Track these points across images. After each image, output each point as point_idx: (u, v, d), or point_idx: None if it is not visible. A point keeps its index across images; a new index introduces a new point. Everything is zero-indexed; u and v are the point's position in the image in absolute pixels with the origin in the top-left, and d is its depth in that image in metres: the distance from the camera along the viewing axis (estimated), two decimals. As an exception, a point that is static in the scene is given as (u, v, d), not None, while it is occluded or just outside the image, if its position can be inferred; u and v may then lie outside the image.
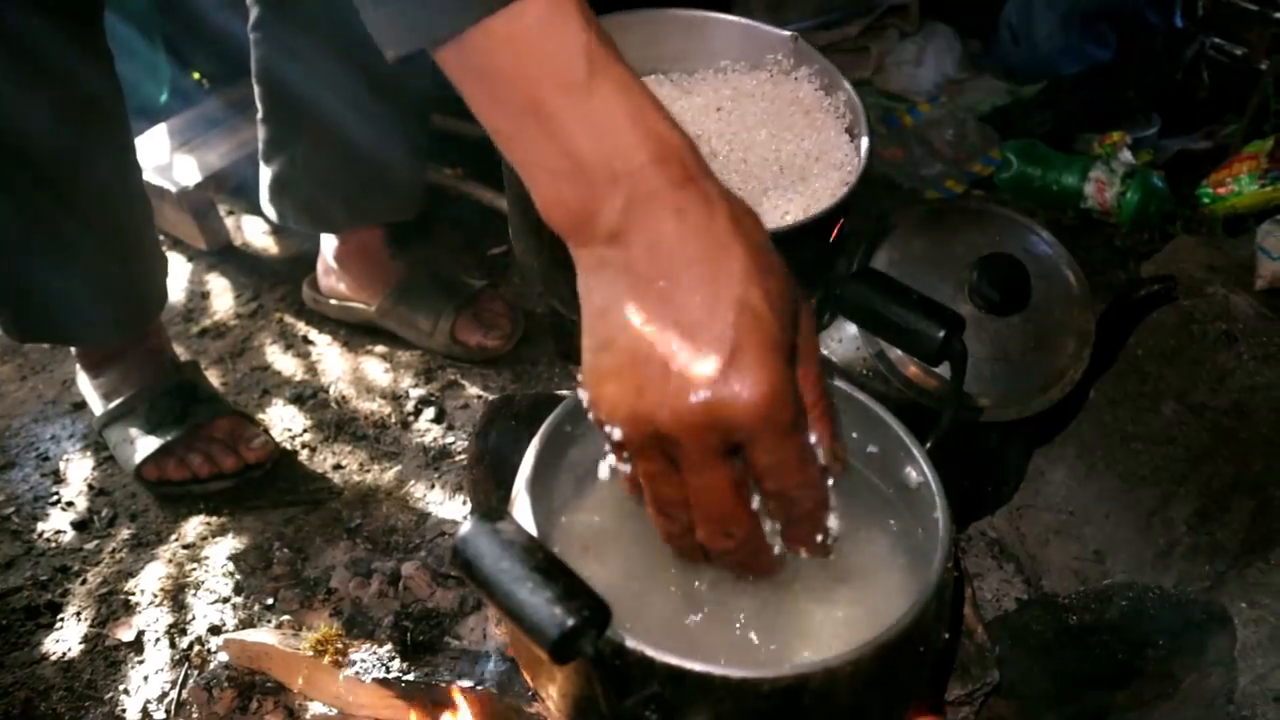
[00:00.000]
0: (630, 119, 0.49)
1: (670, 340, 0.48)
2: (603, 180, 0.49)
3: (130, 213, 1.21)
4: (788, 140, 0.77)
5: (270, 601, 1.14)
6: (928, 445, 0.69)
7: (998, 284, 0.90)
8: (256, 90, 1.30)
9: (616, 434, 0.51)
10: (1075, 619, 0.94)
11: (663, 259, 0.48)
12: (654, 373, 0.48)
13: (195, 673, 1.07)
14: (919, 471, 0.68)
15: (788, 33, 0.80)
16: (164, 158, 1.69)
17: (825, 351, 0.95)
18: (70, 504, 1.29)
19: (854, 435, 0.75)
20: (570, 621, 0.47)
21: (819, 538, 0.57)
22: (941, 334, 0.67)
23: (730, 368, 0.47)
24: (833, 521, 0.58)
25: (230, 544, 1.22)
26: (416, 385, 1.44)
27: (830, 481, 0.56)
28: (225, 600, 1.15)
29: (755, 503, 0.54)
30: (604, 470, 0.62)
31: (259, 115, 1.32)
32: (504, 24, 0.48)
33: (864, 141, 0.77)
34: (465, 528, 0.52)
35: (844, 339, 0.95)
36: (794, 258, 0.66)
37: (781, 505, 0.55)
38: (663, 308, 0.48)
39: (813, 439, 0.54)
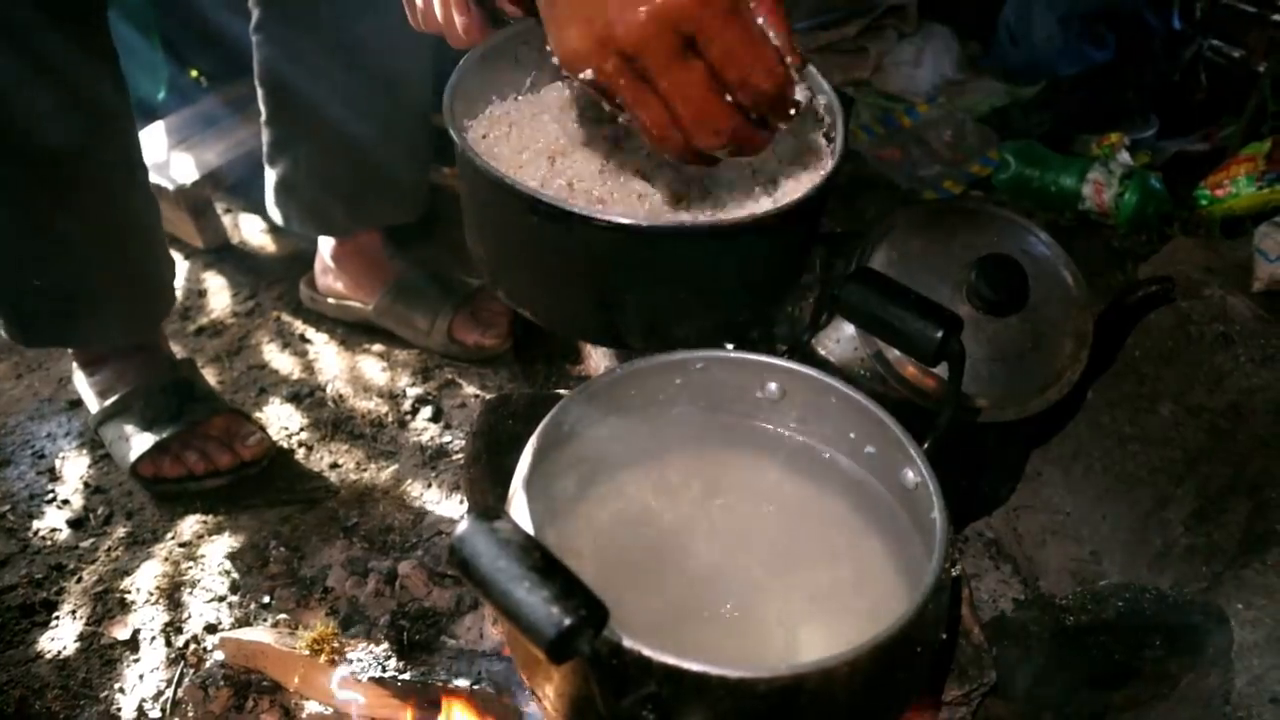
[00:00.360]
0: None
1: None
2: None
3: (137, 214, 1.21)
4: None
5: (266, 600, 1.13)
6: (925, 446, 0.69)
7: (996, 285, 0.89)
8: (259, 93, 1.30)
9: (589, 74, 0.58)
10: (1072, 619, 0.94)
11: None
12: (599, 4, 0.55)
13: (191, 671, 1.07)
14: (916, 472, 0.68)
15: None
16: (161, 155, 1.68)
17: (823, 352, 0.95)
18: (66, 502, 1.29)
19: (852, 436, 0.75)
20: (567, 621, 0.47)
21: (791, 110, 0.62)
22: (939, 334, 0.67)
23: None
24: (800, 93, 0.62)
25: (226, 542, 1.22)
26: (414, 384, 1.44)
27: (791, 66, 0.61)
28: (221, 599, 1.15)
29: None
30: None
31: (262, 118, 1.32)
32: None
33: (839, 142, 0.76)
34: (462, 527, 0.52)
35: (842, 339, 0.94)
36: (768, 249, 0.66)
37: (748, 93, 0.59)
38: None
39: (766, 26, 0.59)
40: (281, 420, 1.40)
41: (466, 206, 0.79)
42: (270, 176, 1.36)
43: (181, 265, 1.68)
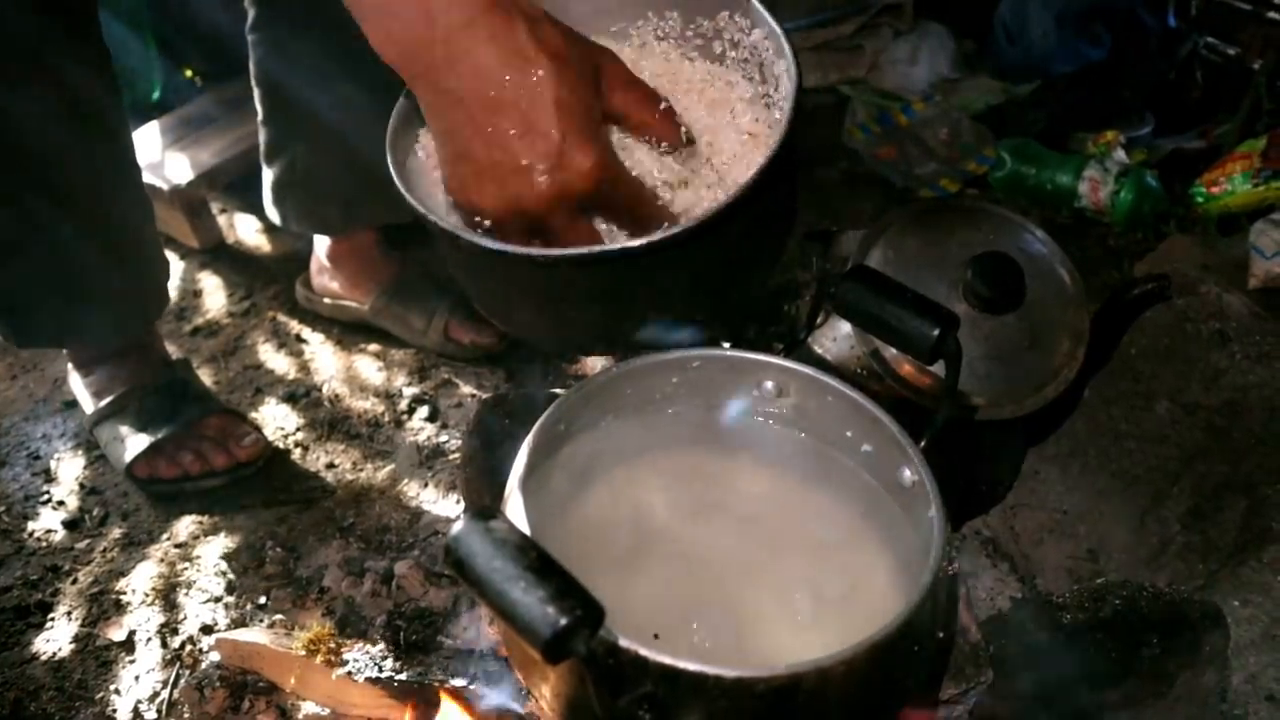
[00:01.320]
0: None
1: (512, 144, 0.59)
2: (423, 15, 0.56)
3: (129, 214, 1.20)
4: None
5: (263, 601, 1.13)
6: (922, 444, 0.69)
7: (992, 283, 0.89)
8: (256, 92, 1.29)
9: (488, 222, 0.62)
10: (1069, 618, 0.93)
11: (487, 80, 0.58)
12: (508, 170, 0.59)
13: (187, 672, 1.07)
14: (913, 470, 0.68)
15: None
16: (156, 155, 1.68)
17: (820, 350, 0.95)
18: (61, 503, 1.29)
19: (848, 434, 0.75)
20: (563, 621, 0.47)
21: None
22: (936, 332, 0.67)
23: (564, 153, 0.59)
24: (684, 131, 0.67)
25: (222, 543, 1.21)
26: (410, 384, 1.44)
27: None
28: (217, 599, 1.15)
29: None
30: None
31: (259, 117, 1.32)
32: None
33: (786, 107, 0.69)
34: (457, 526, 0.51)
35: (838, 337, 0.94)
36: (712, 249, 0.65)
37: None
38: (499, 119, 0.58)
39: (658, 141, 0.66)
40: (277, 420, 1.39)
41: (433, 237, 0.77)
42: (267, 176, 1.36)
43: (177, 265, 1.67)
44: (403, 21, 0.57)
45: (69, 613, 1.15)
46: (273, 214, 1.39)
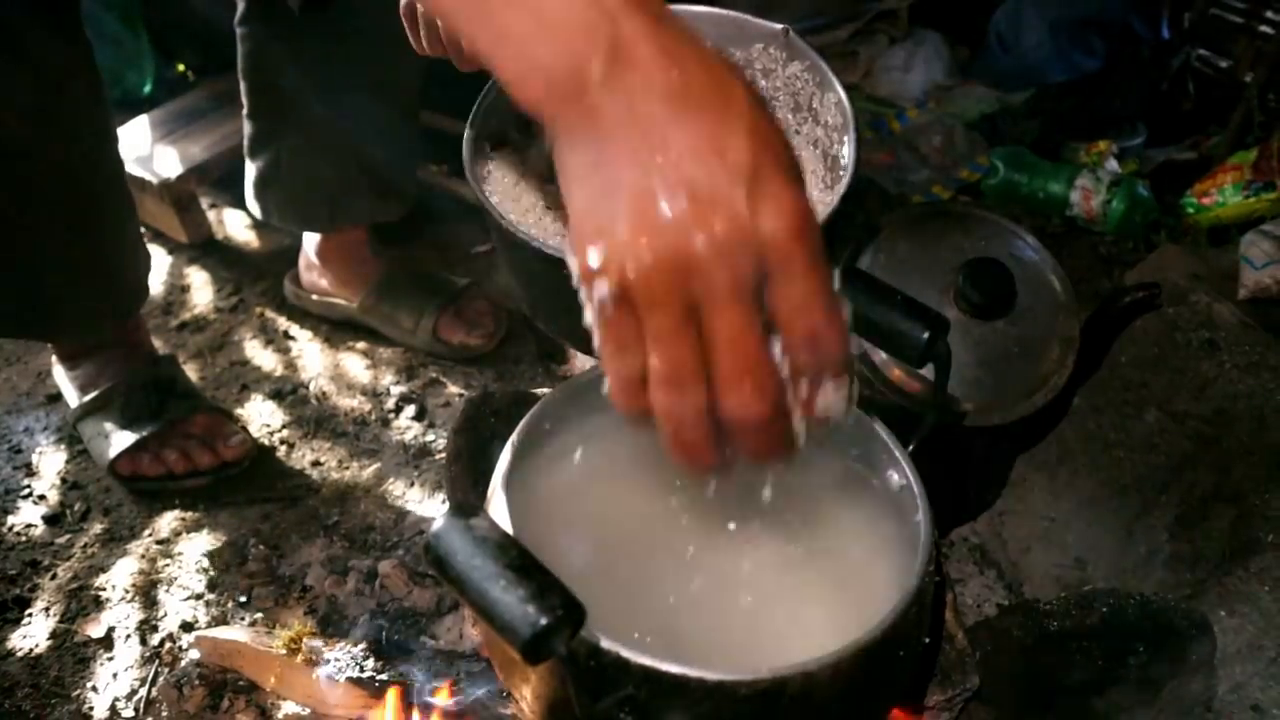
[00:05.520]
0: None
1: (685, 169, 0.44)
2: (579, 31, 0.45)
3: (109, 207, 1.19)
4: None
5: (244, 599, 1.12)
6: (910, 448, 0.69)
7: (983, 288, 0.89)
8: (242, 85, 1.28)
9: (618, 288, 0.45)
10: (1056, 625, 0.93)
11: (664, 93, 0.45)
12: (674, 205, 0.44)
13: (166, 670, 1.05)
14: (901, 474, 0.68)
15: (779, 26, 0.78)
16: (146, 149, 1.67)
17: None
18: (42, 497, 1.27)
19: (835, 436, 0.74)
20: (543, 620, 0.46)
21: (844, 405, 0.50)
22: (925, 335, 0.66)
23: (756, 188, 0.44)
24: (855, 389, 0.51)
25: (205, 540, 1.20)
26: (398, 383, 1.43)
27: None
28: (198, 597, 1.14)
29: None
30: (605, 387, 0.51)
31: (244, 111, 1.31)
32: None
33: (849, 150, 0.72)
34: (438, 523, 0.51)
35: (828, 341, 0.94)
36: None
37: (810, 353, 0.48)
38: (672, 137, 0.44)
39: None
40: (263, 417, 1.38)
41: (496, 244, 0.80)
42: (250, 170, 1.35)
43: (165, 260, 1.66)
44: (555, 45, 0.45)
45: (47, 608, 1.13)
46: (254, 207, 1.38)
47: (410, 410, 1.38)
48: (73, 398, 1.30)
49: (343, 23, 1.15)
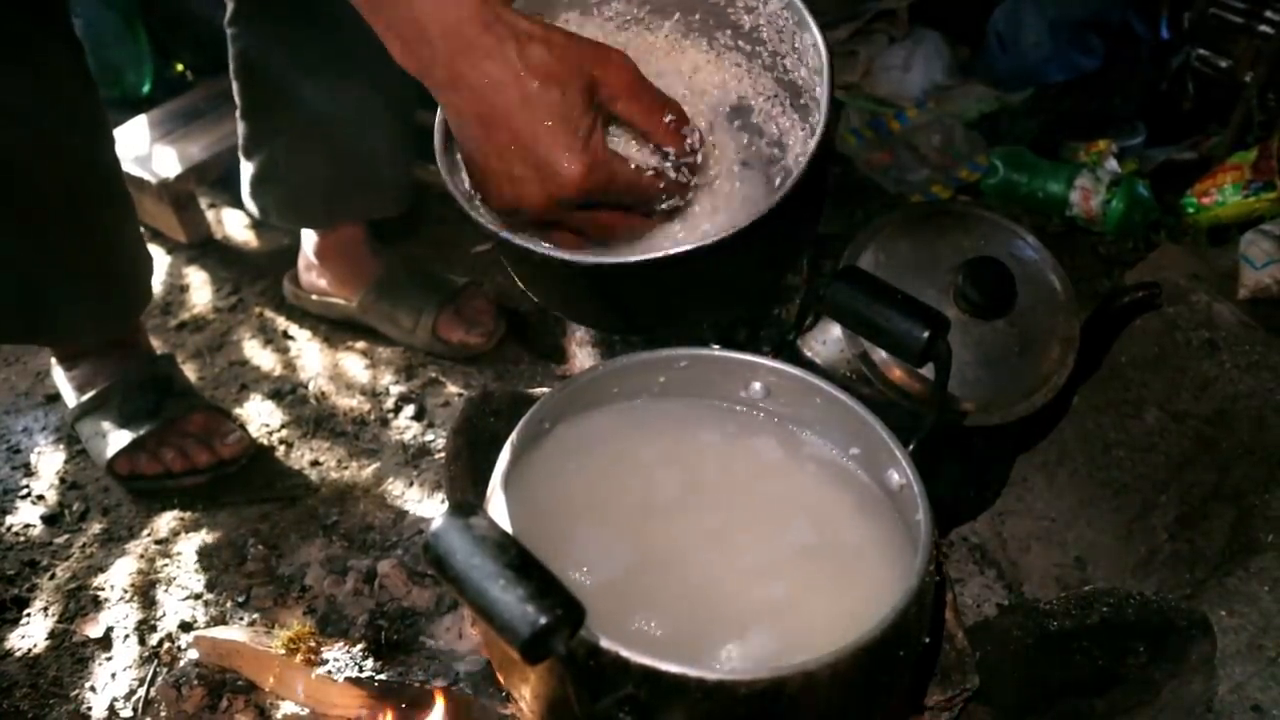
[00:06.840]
0: None
1: (507, 155, 0.65)
2: (425, 42, 0.62)
3: (105, 209, 1.18)
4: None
5: (243, 599, 1.12)
6: (910, 447, 0.69)
7: (983, 288, 0.89)
8: (235, 85, 1.28)
9: (527, 213, 0.68)
10: (1056, 625, 0.93)
11: (482, 99, 0.64)
12: (505, 178, 0.66)
13: (164, 670, 1.05)
14: (901, 474, 0.68)
15: None
16: (145, 149, 1.67)
17: (809, 353, 0.94)
18: (41, 497, 1.27)
19: (837, 436, 0.74)
20: (542, 620, 0.46)
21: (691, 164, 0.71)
22: (926, 334, 0.66)
23: (550, 164, 0.64)
24: (694, 137, 0.69)
25: (203, 540, 1.20)
26: (397, 382, 1.43)
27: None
28: (197, 597, 1.13)
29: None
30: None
31: (238, 110, 1.30)
32: None
33: (823, 91, 0.72)
34: (437, 523, 0.51)
35: (829, 341, 0.94)
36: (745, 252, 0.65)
37: (661, 128, 0.68)
38: (496, 133, 0.64)
39: (668, 150, 0.68)
40: (262, 417, 1.38)
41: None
42: (246, 169, 1.34)
43: (164, 260, 1.66)
44: (410, 46, 0.63)
45: (45, 608, 1.13)
46: (251, 207, 1.37)
47: (409, 410, 1.38)
48: (70, 397, 1.30)
49: (332, 19, 1.15)
